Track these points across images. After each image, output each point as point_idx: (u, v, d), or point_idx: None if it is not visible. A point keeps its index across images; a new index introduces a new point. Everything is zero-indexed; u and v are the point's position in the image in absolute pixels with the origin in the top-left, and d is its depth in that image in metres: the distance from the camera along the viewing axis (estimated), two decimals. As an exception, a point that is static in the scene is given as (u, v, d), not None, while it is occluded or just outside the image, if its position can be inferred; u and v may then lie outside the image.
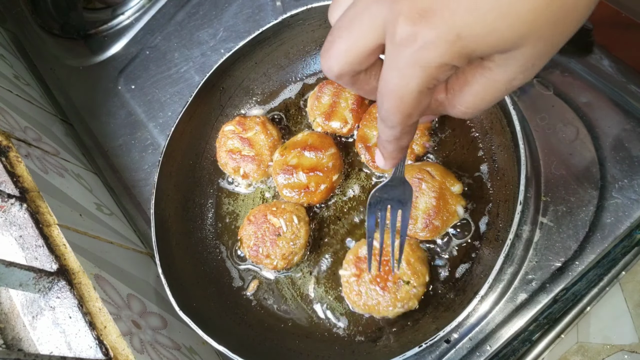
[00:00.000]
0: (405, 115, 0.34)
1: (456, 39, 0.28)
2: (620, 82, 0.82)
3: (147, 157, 1.05)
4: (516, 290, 0.72)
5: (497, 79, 0.33)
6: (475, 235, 0.76)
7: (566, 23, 0.30)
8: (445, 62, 0.29)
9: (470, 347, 0.72)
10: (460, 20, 0.28)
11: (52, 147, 0.94)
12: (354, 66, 0.34)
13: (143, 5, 1.22)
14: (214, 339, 0.70)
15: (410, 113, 0.33)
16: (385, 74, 0.32)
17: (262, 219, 0.84)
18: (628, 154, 0.76)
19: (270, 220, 0.83)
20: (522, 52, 0.30)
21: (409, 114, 0.33)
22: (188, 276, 0.84)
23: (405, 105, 0.33)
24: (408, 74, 0.30)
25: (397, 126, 0.35)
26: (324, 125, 0.91)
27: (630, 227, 0.72)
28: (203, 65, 1.10)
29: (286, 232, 0.82)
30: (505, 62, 0.31)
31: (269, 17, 1.08)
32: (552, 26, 0.29)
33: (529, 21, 0.28)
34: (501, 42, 0.29)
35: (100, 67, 1.18)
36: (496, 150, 0.79)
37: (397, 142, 0.38)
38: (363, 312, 0.77)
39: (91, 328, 0.63)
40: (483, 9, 0.27)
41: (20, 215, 0.69)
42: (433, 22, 0.28)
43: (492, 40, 0.29)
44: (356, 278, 0.75)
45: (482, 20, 0.28)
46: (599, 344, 1.32)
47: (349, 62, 0.33)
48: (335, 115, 0.90)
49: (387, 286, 0.72)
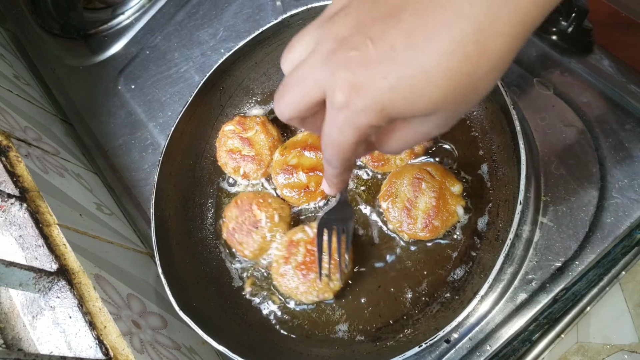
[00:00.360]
0: (344, 159, 0.43)
1: (382, 108, 0.36)
2: (620, 82, 0.82)
3: (147, 157, 1.05)
4: (516, 290, 0.72)
5: (417, 130, 0.41)
6: (475, 235, 0.76)
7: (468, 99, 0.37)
8: (373, 124, 0.37)
9: (470, 347, 0.72)
10: (384, 96, 0.35)
11: (52, 147, 0.94)
12: (301, 113, 0.41)
13: (143, 5, 1.22)
14: (214, 338, 0.70)
15: (349, 158, 0.43)
16: (327, 129, 0.40)
17: (247, 207, 0.85)
18: (628, 154, 0.76)
19: (253, 210, 0.84)
20: (435, 117, 0.38)
21: (348, 158, 0.43)
22: (188, 276, 0.84)
23: (344, 152, 0.41)
24: (345, 131, 0.39)
25: (339, 167, 0.45)
26: None
27: (630, 227, 0.72)
28: (203, 65, 1.10)
29: (264, 227, 0.83)
30: (422, 121, 0.39)
31: (269, 17, 1.08)
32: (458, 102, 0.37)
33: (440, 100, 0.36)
34: (417, 111, 0.37)
35: (100, 67, 1.18)
36: (496, 150, 0.79)
37: (340, 176, 0.48)
38: (284, 293, 0.80)
39: (91, 328, 0.63)
40: (403, 89, 0.35)
41: (20, 215, 0.69)
42: (363, 95, 0.35)
43: (411, 111, 0.37)
44: (284, 260, 0.79)
45: (402, 98, 0.35)
46: (599, 344, 1.32)
47: (297, 110, 0.41)
48: None
49: (309, 275, 0.77)
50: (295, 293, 0.78)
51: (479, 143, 0.82)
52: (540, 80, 0.85)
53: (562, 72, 0.85)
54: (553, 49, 0.88)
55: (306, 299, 0.78)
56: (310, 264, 0.77)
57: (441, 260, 0.77)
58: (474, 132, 0.83)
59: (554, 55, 0.87)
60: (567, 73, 0.85)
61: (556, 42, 0.89)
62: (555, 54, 0.87)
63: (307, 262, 0.77)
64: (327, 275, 0.76)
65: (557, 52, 0.87)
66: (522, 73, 0.87)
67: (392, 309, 0.76)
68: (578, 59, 0.86)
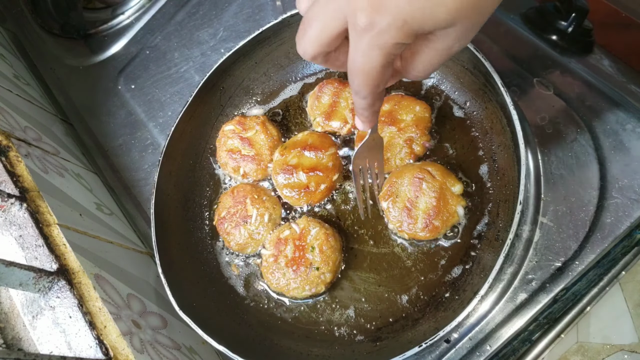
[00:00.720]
0: (373, 86, 0.43)
1: (403, 23, 0.37)
2: (620, 82, 0.82)
3: (147, 157, 1.05)
4: (516, 290, 0.72)
5: (438, 47, 0.42)
6: (475, 235, 0.76)
7: (484, 7, 0.39)
8: (398, 41, 0.38)
9: (470, 347, 0.72)
10: (404, 10, 0.37)
11: (52, 147, 0.94)
12: (324, 48, 0.42)
13: (143, 5, 1.22)
14: (213, 338, 0.71)
15: (377, 84, 0.43)
16: (352, 56, 0.41)
17: (242, 199, 0.86)
18: (628, 154, 0.76)
19: (247, 204, 0.85)
20: (455, 29, 0.39)
21: (377, 84, 0.43)
22: (188, 276, 0.84)
23: (372, 79, 0.42)
24: (371, 55, 0.39)
25: (368, 96, 0.45)
26: (324, 125, 0.91)
27: (630, 227, 0.72)
28: (203, 65, 1.10)
29: (253, 223, 0.84)
30: (444, 35, 0.41)
31: (269, 17, 1.08)
32: (474, 10, 0.39)
33: (456, 9, 0.38)
34: (437, 23, 0.38)
35: (100, 66, 1.18)
36: (496, 150, 0.79)
37: (370, 108, 0.48)
38: (276, 291, 0.81)
39: (91, 328, 0.63)
40: (420, 1, 0.36)
41: (20, 214, 0.69)
42: (384, 13, 0.37)
43: (431, 23, 0.38)
44: (274, 259, 0.80)
45: (421, 9, 0.37)
46: (598, 344, 1.32)
47: (320, 44, 0.42)
48: (335, 115, 0.90)
49: (300, 270, 0.78)
50: (288, 290, 0.79)
51: (479, 143, 0.82)
52: (540, 80, 0.85)
53: (562, 72, 0.85)
54: (553, 49, 0.88)
55: (299, 294, 0.79)
56: (299, 259, 0.78)
57: (441, 261, 0.77)
58: (474, 132, 0.83)
59: (554, 55, 0.87)
60: (567, 73, 0.85)
61: (556, 42, 0.89)
62: (555, 54, 0.87)
63: (296, 257, 0.79)
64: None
65: (557, 52, 0.88)
66: (522, 73, 0.87)
67: (392, 309, 0.76)
68: (578, 59, 0.86)
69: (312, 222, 0.81)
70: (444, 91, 0.88)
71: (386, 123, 0.85)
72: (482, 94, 0.80)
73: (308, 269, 0.78)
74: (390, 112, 0.85)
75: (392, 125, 0.84)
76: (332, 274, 0.79)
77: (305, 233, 0.80)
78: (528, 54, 0.89)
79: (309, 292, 0.78)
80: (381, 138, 0.70)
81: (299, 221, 0.83)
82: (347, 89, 0.91)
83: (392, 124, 0.84)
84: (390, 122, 0.85)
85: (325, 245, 0.78)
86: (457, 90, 0.86)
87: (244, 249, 0.86)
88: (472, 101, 0.84)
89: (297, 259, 0.79)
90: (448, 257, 0.77)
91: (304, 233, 0.80)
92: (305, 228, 0.81)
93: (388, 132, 0.85)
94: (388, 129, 0.85)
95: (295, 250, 0.79)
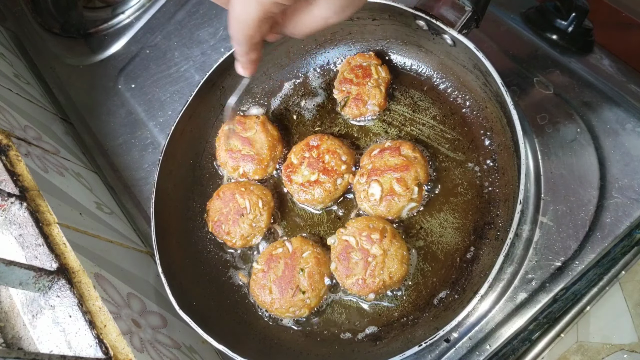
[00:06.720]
0: (248, 36, 0.46)
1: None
2: (620, 82, 0.83)
3: (147, 156, 1.05)
4: (516, 290, 0.72)
5: (316, 14, 0.46)
6: (475, 235, 0.76)
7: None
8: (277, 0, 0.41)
9: (470, 346, 0.72)
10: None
11: (52, 146, 0.94)
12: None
13: (143, 4, 1.22)
14: (213, 337, 0.71)
15: (252, 35, 0.46)
16: (233, 2, 0.44)
17: (230, 197, 0.86)
18: (628, 154, 0.76)
19: (237, 199, 0.85)
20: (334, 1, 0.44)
21: (251, 35, 0.46)
22: (188, 275, 0.84)
23: (247, 28, 0.45)
24: (249, 7, 0.42)
25: (243, 44, 0.48)
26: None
27: (630, 226, 0.72)
28: (203, 64, 1.10)
29: (249, 213, 0.84)
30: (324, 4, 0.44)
31: (269, 16, 1.08)
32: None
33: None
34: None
35: (101, 66, 1.18)
36: (496, 150, 0.79)
37: (246, 55, 0.51)
38: (260, 305, 0.81)
39: (91, 327, 0.63)
40: None
41: (20, 214, 0.69)
42: None
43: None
44: (263, 274, 0.80)
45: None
46: (598, 344, 1.32)
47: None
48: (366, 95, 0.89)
49: (286, 290, 0.77)
50: (271, 308, 0.78)
51: (479, 143, 0.82)
52: (540, 80, 0.85)
53: (562, 72, 0.85)
54: (553, 48, 0.88)
55: (282, 315, 0.78)
56: (289, 279, 0.77)
57: (441, 260, 0.77)
58: (474, 132, 0.83)
59: (554, 55, 0.87)
60: (567, 73, 0.85)
61: (556, 41, 0.89)
62: (555, 54, 0.87)
63: (285, 275, 0.78)
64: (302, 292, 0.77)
65: (557, 52, 0.88)
66: (522, 73, 0.87)
67: (392, 309, 0.76)
68: (578, 58, 0.86)
69: (306, 244, 0.81)
70: (444, 91, 0.88)
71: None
72: (482, 94, 0.80)
73: (294, 290, 0.77)
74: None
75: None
76: (317, 299, 0.78)
77: (297, 253, 0.79)
78: (528, 53, 0.89)
79: (292, 315, 0.78)
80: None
81: (293, 240, 0.82)
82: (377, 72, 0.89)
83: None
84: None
85: (315, 271, 0.78)
86: (457, 89, 0.86)
87: (249, 240, 0.86)
88: (472, 101, 0.84)
89: (287, 277, 0.78)
90: (448, 257, 0.77)
91: (296, 253, 0.79)
92: (298, 248, 0.80)
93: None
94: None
95: (285, 270, 0.78)
